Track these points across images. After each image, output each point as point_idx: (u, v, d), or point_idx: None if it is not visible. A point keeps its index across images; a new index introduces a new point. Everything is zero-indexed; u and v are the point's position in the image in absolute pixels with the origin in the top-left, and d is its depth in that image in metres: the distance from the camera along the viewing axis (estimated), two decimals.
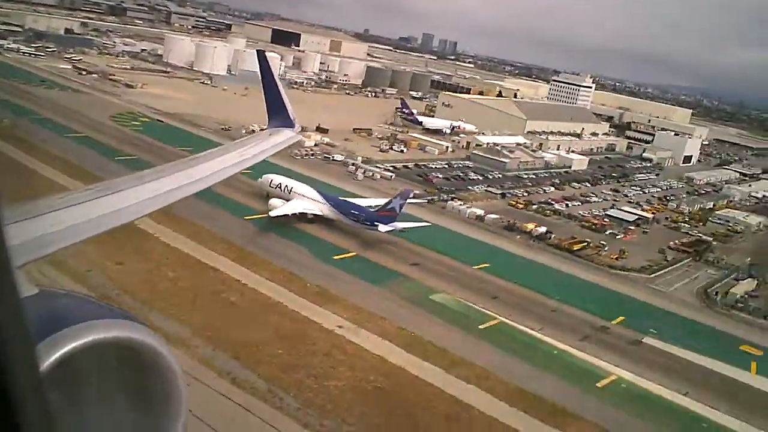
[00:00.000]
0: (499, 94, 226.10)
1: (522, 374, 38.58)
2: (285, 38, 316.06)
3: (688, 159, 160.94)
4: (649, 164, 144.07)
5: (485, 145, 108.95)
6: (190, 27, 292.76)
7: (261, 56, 23.44)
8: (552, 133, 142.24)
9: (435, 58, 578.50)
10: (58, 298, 5.20)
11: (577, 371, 40.71)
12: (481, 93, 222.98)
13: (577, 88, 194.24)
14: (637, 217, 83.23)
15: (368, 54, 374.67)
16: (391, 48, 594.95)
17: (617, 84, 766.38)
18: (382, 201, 59.35)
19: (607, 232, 75.48)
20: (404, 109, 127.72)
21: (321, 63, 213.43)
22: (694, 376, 42.85)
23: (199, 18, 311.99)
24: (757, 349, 49.93)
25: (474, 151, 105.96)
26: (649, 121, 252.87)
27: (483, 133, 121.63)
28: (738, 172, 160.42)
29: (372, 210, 57.19)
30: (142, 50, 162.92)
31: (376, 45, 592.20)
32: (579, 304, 50.97)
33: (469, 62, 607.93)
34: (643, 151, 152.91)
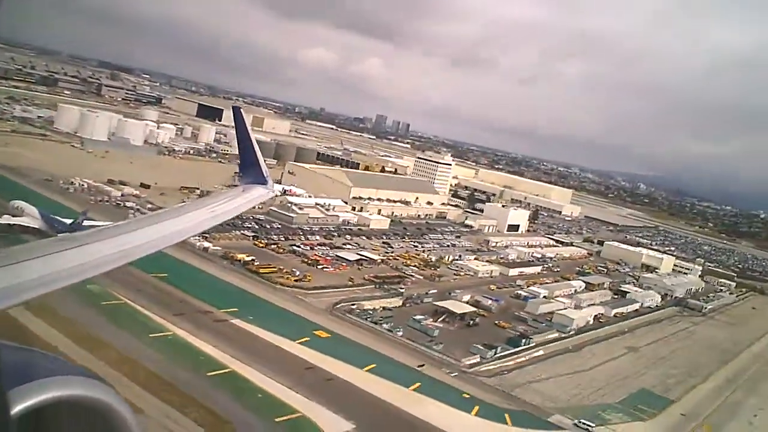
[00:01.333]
0: (382, 170, 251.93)
1: (96, 325, 58.64)
2: (209, 113, 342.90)
3: (515, 227, 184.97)
4: (466, 229, 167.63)
5: (286, 204, 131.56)
6: (119, 99, 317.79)
7: (236, 113, 21.97)
8: (380, 199, 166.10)
9: (375, 138, 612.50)
10: (17, 352, 4.71)
11: (145, 329, 60.85)
12: (367, 168, 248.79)
13: (436, 164, 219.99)
14: (359, 258, 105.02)
15: (296, 131, 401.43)
16: (334, 127, 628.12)
17: (555, 167, 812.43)
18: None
19: (320, 267, 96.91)
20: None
21: (219, 134, 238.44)
22: (242, 340, 63.23)
23: (129, 91, 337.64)
24: (327, 333, 70.71)
25: (272, 208, 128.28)
26: (525, 198, 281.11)
27: (298, 195, 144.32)
28: (554, 239, 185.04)
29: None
30: (39, 117, 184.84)
31: (319, 123, 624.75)
32: (209, 300, 71.38)
33: (407, 142, 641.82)
34: (466, 218, 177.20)
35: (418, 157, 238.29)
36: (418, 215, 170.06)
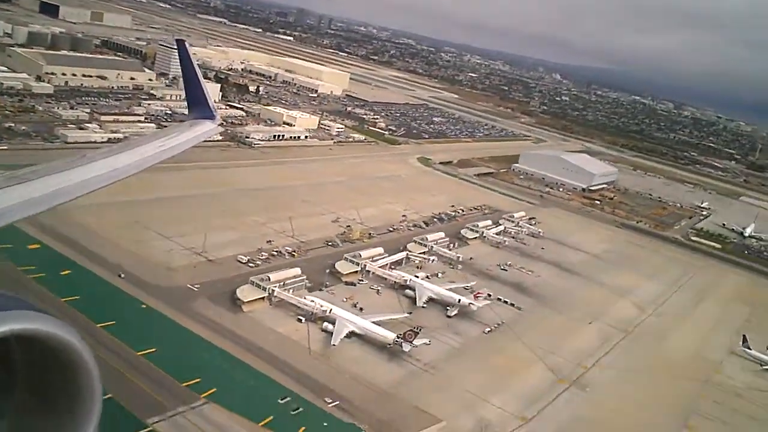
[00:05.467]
0: (153, 57, 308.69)
1: None
2: (49, 9, 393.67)
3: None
4: (146, 97, 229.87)
5: None
6: None
7: (181, 46, 23.66)
8: (74, 75, 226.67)
9: (260, 30, 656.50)
10: None
11: None
12: (145, 56, 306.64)
13: (171, 50, 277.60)
14: None
15: (147, 24, 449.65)
16: (225, 21, 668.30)
17: (468, 58, 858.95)
18: None
19: None
20: None
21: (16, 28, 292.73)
22: None
23: None
24: None
25: None
26: (293, 79, 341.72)
27: None
28: (231, 105, 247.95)
29: None
30: None
31: (214, 18, 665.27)
32: None
33: (295, 35, 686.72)
34: (152, 89, 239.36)
35: (160, 44, 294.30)
36: (111, 87, 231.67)
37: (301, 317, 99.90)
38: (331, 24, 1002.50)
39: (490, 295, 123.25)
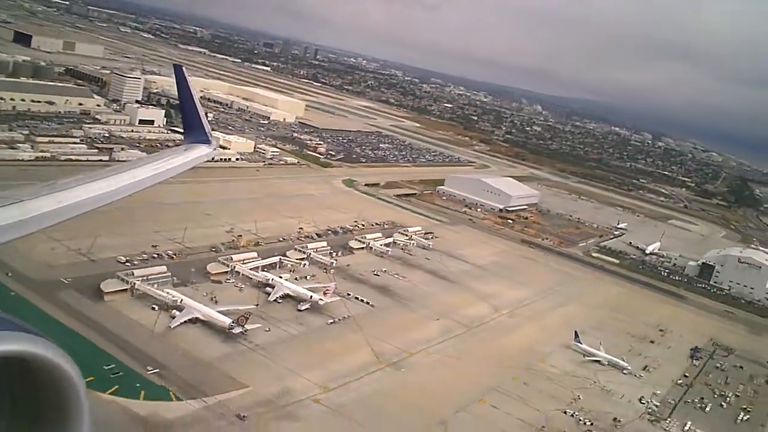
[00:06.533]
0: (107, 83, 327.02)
1: None
2: (23, 39, 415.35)
3: (149, 122, 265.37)
4: (90, 120, 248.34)
5: None
6: None
7: (178, 71, 23.66)
8: (23, 100, 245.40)
9: (239, 60, 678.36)
10: None
11: None
12: (105, 83, 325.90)
13: (125, 78, 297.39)
14: None
15: (116, 52, 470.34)
16: (206, 51, 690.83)
17: (449, 88, 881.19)
18: None
19: None
20: None
21: None
22: None
23: None
24: None
25: None
26: (248, 107, 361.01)
27: None
28: (172, 129, 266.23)
29: None
30: None
31: (193, 48, 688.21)
32: None
33: (273, 65, 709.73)
34: (96, 113, 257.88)
35: (115, 73, 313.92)
36: (58, 111, 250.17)
37: (155, 306, 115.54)
38: (316, 54, 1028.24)
39: (349, 294, 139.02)
